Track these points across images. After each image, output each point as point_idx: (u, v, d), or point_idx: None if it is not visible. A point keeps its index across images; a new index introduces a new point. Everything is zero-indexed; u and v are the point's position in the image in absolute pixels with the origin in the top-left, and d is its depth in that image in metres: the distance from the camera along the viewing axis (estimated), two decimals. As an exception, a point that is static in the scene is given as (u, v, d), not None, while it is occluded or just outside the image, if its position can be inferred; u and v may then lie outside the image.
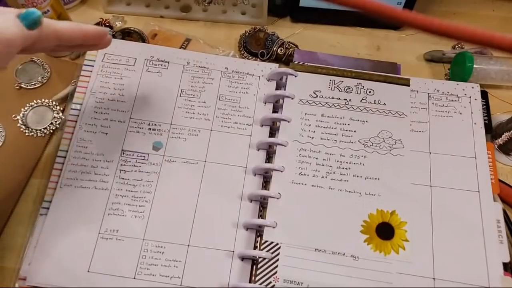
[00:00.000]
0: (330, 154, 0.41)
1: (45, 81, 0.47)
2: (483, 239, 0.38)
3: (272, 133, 0.44)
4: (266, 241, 0.37)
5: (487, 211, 0.39)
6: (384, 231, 0.38)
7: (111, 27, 0.50)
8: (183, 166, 0.41)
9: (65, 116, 0.44)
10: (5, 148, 0.42)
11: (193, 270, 0.37)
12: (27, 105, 0.45)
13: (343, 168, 0.41)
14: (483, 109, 0.44)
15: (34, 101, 0.45)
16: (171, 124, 0.43)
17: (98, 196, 0.39)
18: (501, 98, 0.49)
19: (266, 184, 0.41)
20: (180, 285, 0.36)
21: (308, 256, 0.37)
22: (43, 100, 0.45)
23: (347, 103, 0.44)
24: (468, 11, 0.56)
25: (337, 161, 0.41)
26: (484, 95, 0.46)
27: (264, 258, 0.37)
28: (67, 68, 0.48)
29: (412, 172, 0.41)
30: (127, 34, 0.50)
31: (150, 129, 0.42)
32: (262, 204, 0.40)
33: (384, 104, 0.44)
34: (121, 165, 0.41)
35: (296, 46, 0.51)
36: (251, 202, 0.40)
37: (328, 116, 0.43)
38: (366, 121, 0.43)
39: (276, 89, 0.45)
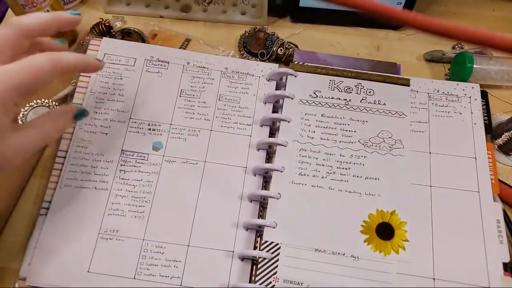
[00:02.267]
0: (330, 154, 0.41)
1: (45, 81, 0.47)
2: (483, 239, 0.38)
3: (272, 133, 0.44)
4: (266, 241, 0.37)
5: (487, 211, 0.39)
6: (384, 231, 0.38)
7: (111, 27, 0.50)
8: (183, 166, 0.41)
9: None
10: (5, 148, 0.42)
11: (193, 270, 0.37)
12: (27, 105, 0.45)
13: (343, 168, 0.41)
14: (483, 109, 0.44)
15: (34, 101, 0.45)
16: (171, 124, 0.43)
17: (98, 196, 0.39)
18: (501, 98, 0.49)
19: (266, 184, 0.41)
20: (180, 285, 0.36)
21: (308, 256, 0.37)
22: (43, 100, 0.45)
23: (347, 103, 0.44)
24: (468, 11, 0.56)
25: (337, 161, 0.41)
26: (484, 95, 0.46)
27: (264, 258, 0.37)
28: (67, 68, 0.48)
29: (412, 172, 0.41)
30: (127, 34, 0.50)
31: (150, 129, 0.42)
32: (262, 204, 0.40)
33: (384, 104, 0.44)
34: (121, 165, 0.41)
35: (296, 46, 0.51)
36: (251, 202, 0.40)
37: (328, 116, 0.43)
38: (366, 121, 0.43)
39: (276, 89, 0.45)
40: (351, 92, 0.44)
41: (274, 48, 0.50)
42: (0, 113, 0.28)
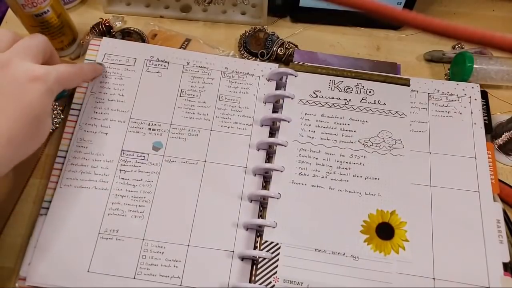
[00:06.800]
0: (330, 154, 0.41)
1: (45, 81, 0.47)
2: (483, 239, 0.38)
3: (272, 133, 0.44)
4: (266, 241, 0.37)
5: (487, 211, 0.39)
6: (384, 231, 0.38)
7: (111, 27, 0.50)
8: (183, 166, 0.41)
9: (65, 116, 0.44)
10: (5, 148, 0.42)
11: (193, 270, 0.37)
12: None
13: (343, 168, 0.41)
14: (483, 109, 0.44)
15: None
16: (171, 124, 0.43)
17: (98, 196, 0.39)
18: (501, 98, 0.49)
19: (266, 184, 0.41)
20: (180, 285, 0.36)
21: (308, 256, 0.37)
22: (43, 100, 0.45)
23: (347, 103, 0.44)
24: (468, 11, 0.56)
25: (337, 161, 0.41)
26: (484, 95, 0.46)
27: (264, 258, 0.37)
28: (67, 68, 0.48)
29: (412, 172, 0.41)
30: (127, 34, 0.50)
31: (150, 129, 0.42)
32: (262, 204, 0.40)
33: (384, 104, 0.44)
34: (121, 165, 0.41)
35: (296, 46, 0.51)
36: (251, 202, 0.40)
37: (328, 116, 0.43)
38: (366, 121, 0.43)
39: (276, 89, 0.45)
40: (351, 92, 0.44)
41: (274, 48, 0.50)
42: (50, 99, 0.34)
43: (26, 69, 0.33)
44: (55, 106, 0.45)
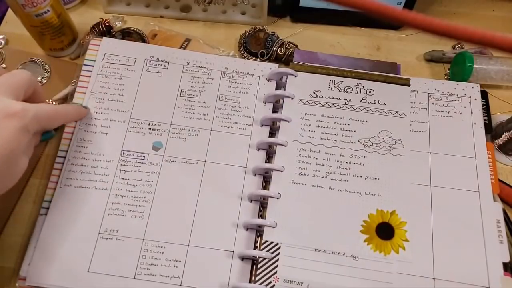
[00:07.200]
0: (330, 154, 0.41)
1: (45, 81, 0.47)
2: (483, 239, 0.38)
3: (272, 133, 0.44)
4: (266, 241, 0.37)
5: (487, 211, 0.39)
6: (384, 231, 0.38)
7: (111, 27, 0.50)
8: (183, 166, 0.41)
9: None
10: (5, 148, 0.42)
11: (193, 270, 0.37)
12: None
13: (343, 168, 0.41)
14: (483, 109, 0.44)
15: (34, 101, 0.45)
16: (171, 124, 0.43)
17: (98, 196, 0.39)
18: (501, 98, 0.49)
19: (266, 184, 0.41)
20: (180, 285, 0.36)
21: (308, 256, 0.37)
22: (43, 100, 0.45)
23: (347, 103, 0.44)
24: (468, 11, 0.56)
25: (337, 161, 0.41)
26: (484, 95, 0.46)
27: (264, 258, 0.37)
28: (67, 68, 0.48)
29: (412, 172, 0.41)
30: (127, 34, 0.50)
31: (150, 129, 0.42)
32: (262, 204, 0.40)
33: (384, 104, 0.44)
34: (121, 165, 0.41)
35: (296, 46, 0.51)
36: (251, 202, 0.40)
37: (328, 116, 0.43)
38: (366, 121, 0.43)
39: (276, 89, 0.45)
40: (351, 92, 0.44)
41: (274, 48, 0.50)
42: (25, 136, 0.32)
43: (4, 105, 0.32)
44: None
